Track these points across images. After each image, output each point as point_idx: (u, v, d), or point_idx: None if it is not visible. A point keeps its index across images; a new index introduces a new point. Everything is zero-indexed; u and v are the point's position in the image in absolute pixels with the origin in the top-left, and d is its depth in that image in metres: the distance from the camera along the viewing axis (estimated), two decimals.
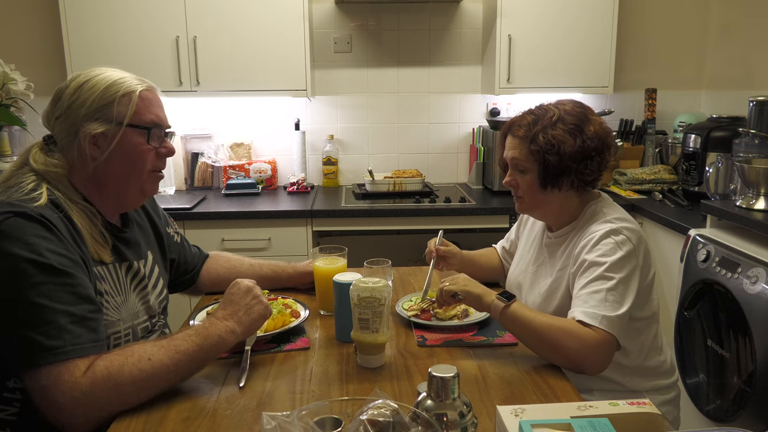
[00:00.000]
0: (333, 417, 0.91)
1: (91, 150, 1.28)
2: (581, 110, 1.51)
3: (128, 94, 1.29)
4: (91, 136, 1.27)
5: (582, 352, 1.30)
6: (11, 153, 2.75)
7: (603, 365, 1.33)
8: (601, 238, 1.42)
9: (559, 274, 1.53)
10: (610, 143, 1.51)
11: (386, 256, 1.68)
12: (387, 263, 1.57)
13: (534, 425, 0.87)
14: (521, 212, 1.65)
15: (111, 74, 1.32)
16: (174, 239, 1.64)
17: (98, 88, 1.28)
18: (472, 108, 3.43)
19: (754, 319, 1.82)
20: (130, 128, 1.29)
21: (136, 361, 1.13)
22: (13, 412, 1.20)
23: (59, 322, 1.10)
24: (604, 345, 1.31)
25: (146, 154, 1.33)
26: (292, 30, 2.95)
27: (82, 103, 1.28)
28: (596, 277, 1.38)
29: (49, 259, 1.12)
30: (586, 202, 1.56)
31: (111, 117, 1.27)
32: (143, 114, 1.31)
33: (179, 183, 3.30)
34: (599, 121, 1.51)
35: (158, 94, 1.38)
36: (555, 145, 1.45)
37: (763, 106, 2.37)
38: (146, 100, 1.32)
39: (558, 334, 1.30)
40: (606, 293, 1.35)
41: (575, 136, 1.46)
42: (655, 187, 3.02)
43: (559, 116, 1.48)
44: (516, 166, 1.53)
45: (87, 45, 2.88)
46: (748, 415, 1.86)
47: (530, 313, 1.36)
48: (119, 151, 1.29)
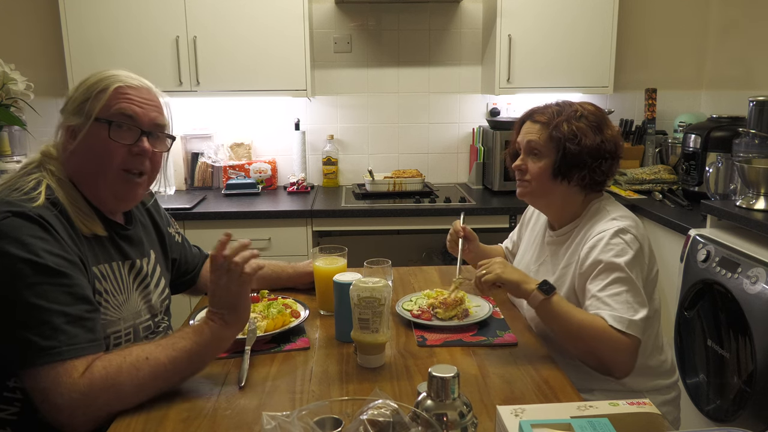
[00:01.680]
0: (333, 417, 0.91)
1: (66, 142, 1.30)
2: (600, 113, 1.56)
3: (105, 89, 1.28)
4: (65, 128, 1.29)
5: (613, 358, 1.33)
6: (11, 153, 2.75)
7: (630, 369, 1.36)
8: (611, 238, 1.44)
9: (562, 272, 1.54)
10: (620, 154, 1.55)
11: (386, 256, 1.68)
12: (387, 263, 1.57)
13: (534, 425, 0.87)
14: (523, 197, 1.60)
15: (107, 73, 1.32)
16: (175, 239, 1.64)
17: (85, 85, 1.30)
18: (472, 108, 3.43)
19: (754, 319, 1.82)
20: (96, 122, 1.27)
21: (134, 360, 1.13)
22: (13, 411, 1.21)
23: (55, 322, 1.10)
24: (633, 349, 1.34)
25: (112, 150, 1.28)
26: (292, 30, 2.95)
27: (70, 98, 1.31)
28: (615, 279, 1.39)
29: (45, 260, 1.12)
30: (589, 201, 1.57)
31: (84, 111, 1.28)
32: (111, 107, 1.28)
33: (179, 183, 3.30)
34: (617, 129, 1.57)
35: (151, 94, 1.34)
36: (577, 136, 1.48)
37: (763, 106, 2.36)
38: (120, 95, 1.29)
39: (592, 337, 1.33)
40: (626, 295, 1.37)
41: (596, 133, 1.50)
42: (655, 187, 3.02)
43: (582, 113, 1.52)
44: (531, 150, 1.54)
45: (87, 45, 2.88)
46: (748, 415, 1.86)
47: (569, 308, 1.37)
48: (86, 144, 1.28)
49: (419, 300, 1.64)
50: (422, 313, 1.55)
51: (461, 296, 1.59)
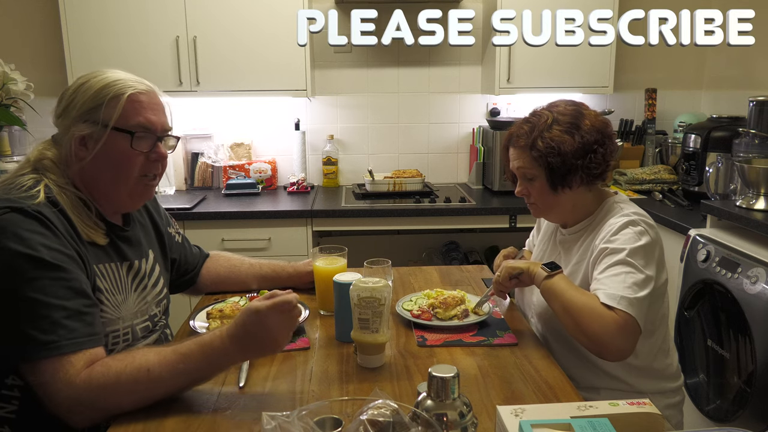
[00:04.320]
0: (333, 417, 0.91)
1: (78, 150, 1.28)
2: (574, 107, 1.53)
3: (117, 97, 1.27)
4: (78, 137, 1.27)
5: (600, 333, 1.30)
6: (11, 153, 2.75)
7: (624, 350, 1.33)
8: (620, 228, 1.44)
9: (575, 268, 1.54)
10: (609, 133, 1.52)
11: (386, 256, 1.68)
12: (387, 263, 1.57)
13: (534, 425, 0.87)
14: (538, 217, 1.70)
15: (109, 76, 1.30)
16: (175, 239, 1.64)
17: (91, 90, 1.28)
18: (472, 108, 3.43)
19: (754, 319, 1.82)
20: (114, 131, 1.27)
21: (134, 371, 1.12)
22: (11, 409, 1.21)
23: (53, 316, 1.10)
24: (625, 327, 1.30)
25: (132, 159, 1.30)
26: (292, 30, 2.94)
27: (75, 104, 1.28)
28: (616, 262, 1.39)
29: (43, 254, 1.12)
30: (602, 199, 1.57)
31: (98, 119, 1.26)
32: (130, 117, 1.28)
33: (179, 183, 3.30)
34: (594, 113, 1.53)
35: (158, 97, 1.35)
36: (555, 147, 1.46)
37: (763, 106, 2.36)
38: (136, 103, 1.29)
39: (582, 313, 1.32)
40: (625, 276, 1.36)
41: (573, 134, 1.47)
42: (655, 187, 3.02)
43: (553, 118, 1.49)
44: (524, 175, 1.55)
45: (87, 45, 2.88)
46: (748, 415, 1.86)
47: (565, 286, 1.38)
48: (104, 154, 1.27)
49: (419, 300, 1.64)
50: (422, 313, 1.55)
51: (461, 296, 1.59)
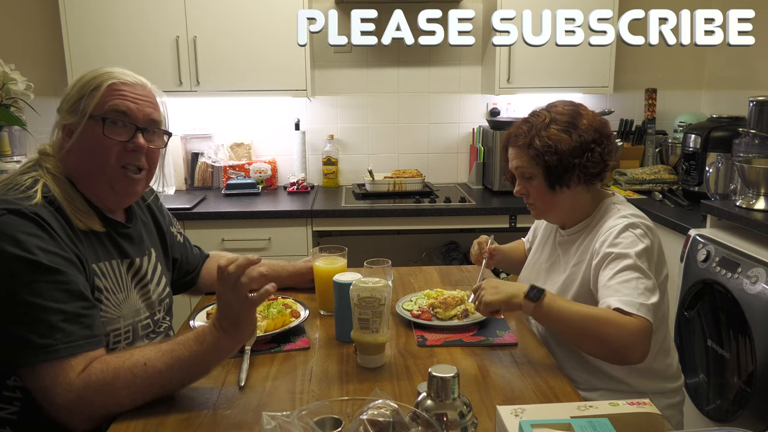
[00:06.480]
0: (333, 417, 0.91)
1: (63, 141, 1.29)
2: (572, 108, 1.54)
3: (99, 86, 1.28)
4: (62, 126, 1.29)
5: (625, 340, 1.29)
6: (11, 153, 2.74)
7: (645, 353, 1.32)
8: (620, 232, 1.44)
9: (574, 270, 1.54)
10: (607, 132, 1.53)
11: (386, 256, 1.69)
12: (387, 263, 1.57)
13: (534, 425, 0.87)
14: (537, 218, 1.70)
15: (101, 69, 1.31)
16: (177, 239, 1.64)
17: (80, 83, 1.30)
18: (472, 108, 3.43)
19: (754, 319, 1.82)
20: (90, 119, 1.27)
21: (132, 365, 1.12)
22: (13, 411, 1.20)
23: (51, 320, 1.10)
24: (645, 332, 1.30)
25: (108, 147, 1.28)
26: (292, 30, 2.94)
27: (65, 97, 1.31)
28: (624, 267, 1.38)
29: (39, 257, 1.12)
30: (600, 200, 1.57)
31: (79, 109, 1.27)
32: (105, 104, 1.27)
33: (179, 183, 3.30)
34: (591, 113, 1.54)
35: (147, 90, 1.34)
36: (552, 146, 1.47)
37: (763, 106, 2.36)
38: (114, 91, 1.28)
39: (598, 325, 1.30)
40: (637, 282, 1.35)
41: (570, 133, 1.48)
42: (655, 187, 3.02)
43: (551, 118, 1.51)
44: (522, 174, 1.55)
45: (87, 45, 2.88)
46: (748, 415, 1.86)
47: (564, 304, 1.34)
48: (82, 142, 1.28)
49: (419, 300, 1.64)
50: (422, 313, 1.55)
51: (461, 296, 1.59)
